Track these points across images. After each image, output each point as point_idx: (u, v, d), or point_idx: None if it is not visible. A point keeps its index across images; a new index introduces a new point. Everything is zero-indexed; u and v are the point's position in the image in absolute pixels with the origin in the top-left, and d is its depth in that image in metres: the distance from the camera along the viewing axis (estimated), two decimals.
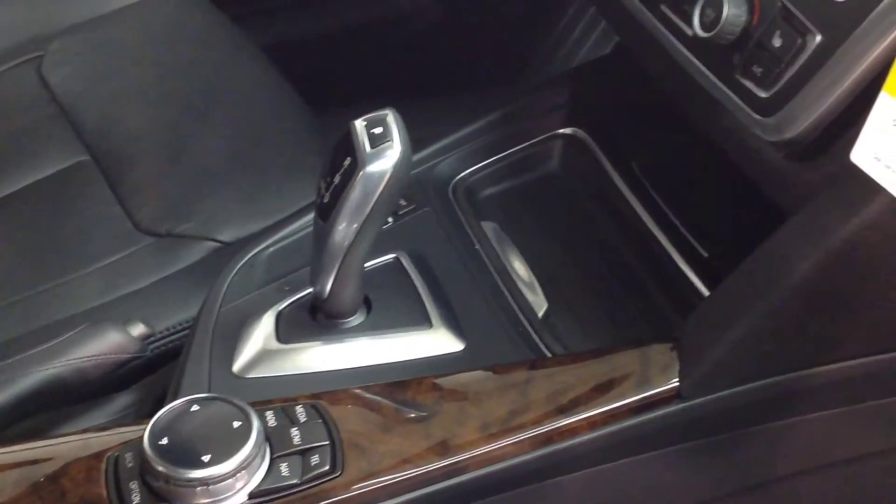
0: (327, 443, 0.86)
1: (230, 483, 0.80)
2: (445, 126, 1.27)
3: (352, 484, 0.85)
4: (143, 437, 0.81)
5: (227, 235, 1.31)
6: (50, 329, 1.17)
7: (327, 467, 0.84)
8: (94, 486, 0.83)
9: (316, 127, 1.48)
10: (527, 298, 1.10)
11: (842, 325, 0.94)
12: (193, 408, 0.83)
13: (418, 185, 1.19)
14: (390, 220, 1.15)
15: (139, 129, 1.44)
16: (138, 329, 1.13)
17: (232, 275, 1.11)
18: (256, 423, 0.82)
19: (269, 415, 0.86)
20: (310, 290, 1.04)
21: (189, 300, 1.21)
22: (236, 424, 0.82)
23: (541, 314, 1.11)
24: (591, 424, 0.92)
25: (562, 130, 1.29)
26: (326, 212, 0.96)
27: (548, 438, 0.91)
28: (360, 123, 0.94)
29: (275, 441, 0.84)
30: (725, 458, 1.03)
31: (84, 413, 1.16)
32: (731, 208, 1.18)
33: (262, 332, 1.04)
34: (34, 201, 1.37)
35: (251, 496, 0.82)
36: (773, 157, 0.92)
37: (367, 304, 1.06)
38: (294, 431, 0.85)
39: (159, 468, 0.79)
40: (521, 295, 1.10)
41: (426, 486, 0.88)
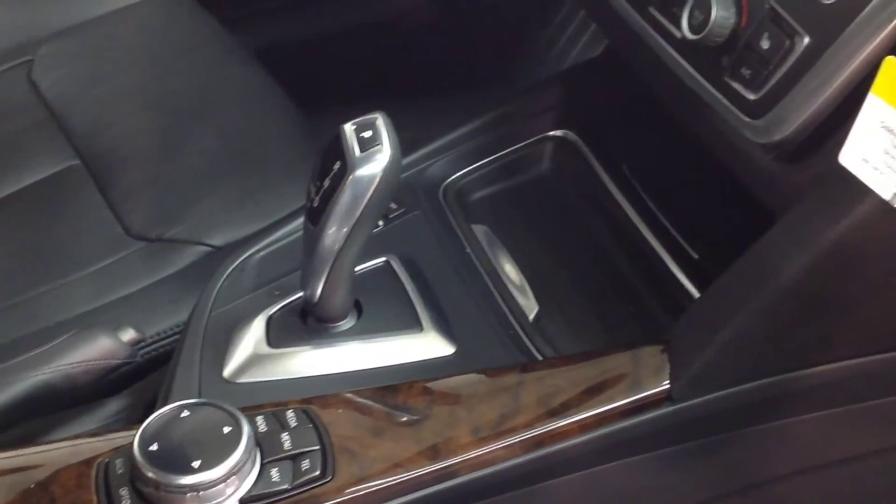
0: (318, 448, 0.86)
1: (220, 489, 0.80)
2: (437, 128, 1.27)
3: (343, 489, 0.85)
4: (132, 443, 0.81)
5: (218, 239, 1.30)
6: (39, 334, 1.17)
7: (318, 472, 0.84)
8: (85, 492, 0.83)
9: (307, 130, 1.48)
10: (517, 301, 1.10)
11: (832, 327, 0.94)
12: (183, 413, 0.83)
13: (408, 188, 1.19)
14: (381, 223, 1.15)
15: (129, 134, 1.44)
16: (128, 334, 1.13)
17: (222, 279, 1.11)
18: (247, 428, 0.82)
19: (260, 420, 0.86)
20: (300, 294, 1.04)
21: (180, 305, 1.20)
22: (226, 430, 0.81)
23: (531, 317, 1.10)
24: (583, 427, 0.92)
25: (552, 133, 1.29)
26: (316, 216, 0.96)
27: (539, 442, 0.91)
28: (349, 127, 0.94)
29: (265, 446, 0.84)
30: (717, 460, 1.03)
31: (74, 419, 1.15)
32: (721, 210, 1.18)
33: (252, 337, 1.04)
34: (24, 206, 1.37)
35: (242, 502, 0.81)
36: (761, 159, 0.92)
37: (357, 308, 1.06)
38: (284, 436, 0.85)
39: (149, 474, 0.79)
40: (511, 298, 1.10)
41: (417, 490, 0.88)
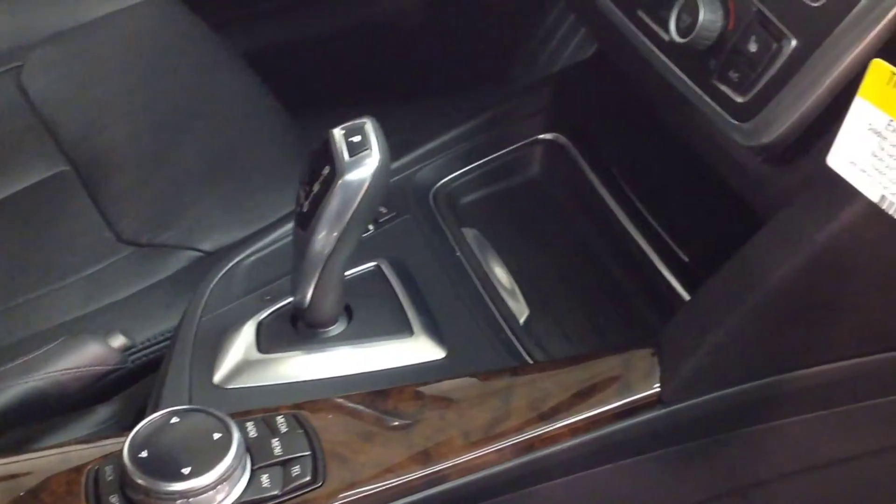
0: (308, 453, 0.85)
1: (211, 495, 0.80)
2: (427, 131, 1.27)
3: (333, 494, 0.85)
4: (122, 450, 0.80)
5: (209, 244, 1.30)
6: (29, 341, 1.17)
7: (308, 478, 0.84)
8: (75, 500, 0.82)
9: (297, 134, 1.47)
10: (508, 305, 1.10)
11: (821, 329, 0.94)
12: (173, 420, 0.83)
13: (399, 192, 1.19)
14: (371, 227, 1.15)
15: (119, 139, 1.43)
16: (118, 340, 1.13)
17: (212, 285, 1.11)
18: (237, 434, 0.82)
19: (250, 426, 0.86)
20: (290, 299, 1.04)
21: (170, 310, 1.20)
22: (216, 436, 0.81)
23: (522, 320, 1.11)
24: (573, 431, 0.92)
25: (542, 136, 1.29)
26: (306, 221, 0.96)
27: (529, 446, 0.91)
28: (338, 132, 0.94)
29: (255, 452, 0.84)
30: (708, 463, 1.03)
31: (65, 425, 1.15)
32: (711, 212, 1.18)
33: (242, 343, 1.04)
34: (14, 212, 1.36)
35: None
36: (750, 162, 0.92)
37: (348, 312, 1.06)
38: (275, 442, 0.85)
39: (139, 481, 0.79)
40: (502, 301, 1.10)
41: (408, 495, 0.88)
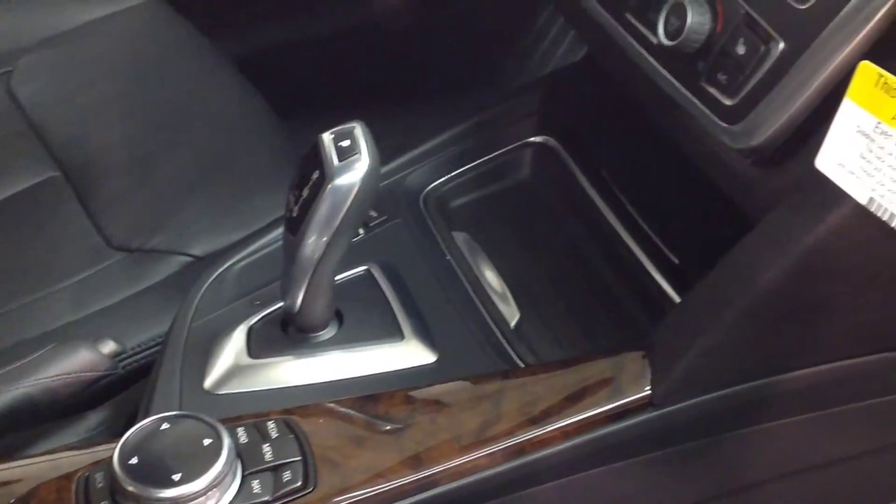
0: (299, 458, 0.85)
1: (201, 502, 0.80)
2: (418, 134, 1.27)
3: (324, 499, 0.85)
4: (112, 456, 0.80)
5: (200, 249, 1.30)
6: (19, 347, 1.16)
7: (299, 483, 0.84)
8: None
9: (287, 138, 1.47)
10: (499, 308, 1.10)
11: (812, 331, 0.94)
12: (163, 426, 0.82)
13: (389, 196, 1.19)
14: (361, 231, 1.15)
15: (110, 144, 1.43)
16: (108, 346, 1.13)
17: (202, 290, 1.11)
18: (227, 440, 0.81)
19: (241, 431, 0.86)
20: (281, 304, 1.03)
21: (161, 316, 1.20)
22: (207, 442, 0.81)
23: (513, 324, 1.11)
24: (564, 434, 0.92)
25: (532, 139, 1.29)
26: (296, 225, 0.96)
27: (520, 449, 0.91)
28: (327, 136, 0.94)
29: (246, 458, 0.84)
30: (699, 465, 1.03)
31: (55, 432, 1.14)
32: (701, 215, 1.18)
33: (233, 348, 1.04)
34: (3, 218, 1.35)
35: None
36: (739, 164, 0.92)
37: (338, 317, 1.06)
38: (266, 447, 0.85)
39: (129, 488, 0.79)
40: (492, 305, 1.10)
41: (399, 499, 0.87)
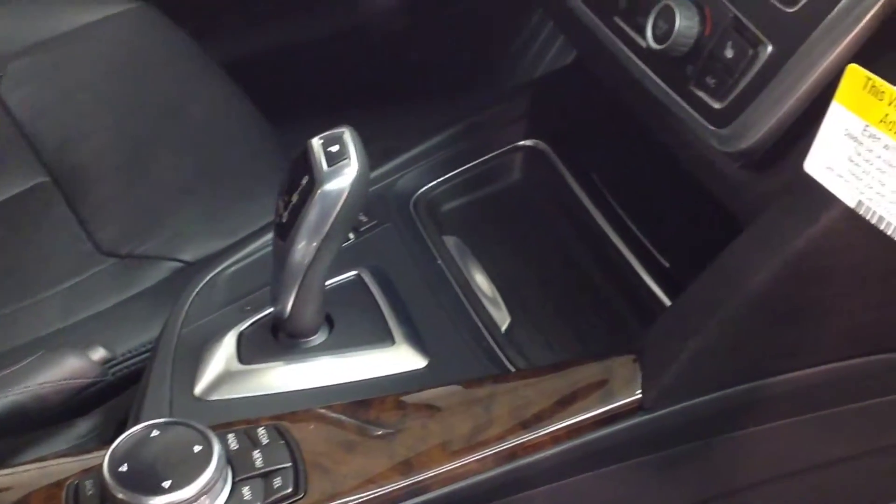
0: (290, 465, 0.85)
1: None
2: (408, 138, 1.26)
3: None
4: (102, 464, 0.80)
5: (190, 255, 1.29)
6: (9, 354, 1.16)
7: (290, 489, 0.84)
8: None
9: (277, 143, 1.47)
10: (489, 313, 1.10)
11: (802, 334, 0.94)
12: (153, 433, 0.82)
13: (379, 200, 1.19)
14: (351, 236, 1.15)
15: (99, 149, 1.43)
16: (98, 353, 1.12)
17: (192, 296, 1.11)
18: (217, 447, 0.81)
19: (231, 438, 0.86)
20: (271, 309, 1.03)
21: (151, 322, 1.19)
22: (197, 449, 0.81)
23: (504, 328, 1.11)
24: (555, 439, 0.92)
25: (522, 142, 1.29)
26: (285, 231, 0.95)
27: (511, 454, 0.91)
28: (316, 142, 0.94)
29: (237, 464, 0.83)
30: (691, 469, 1.03)
31: (45, 439, 1.14)
32: (691, 218, 1.18)
33: (223, 354, 1.04)
34: None
35: None
36: (728, 168, 0.92)
37: (328, 322, 1.06)
38: (256, 454, 0.85)
39: (119, 496, 0.78)
40: (483, 309, 1.10)
41: None
